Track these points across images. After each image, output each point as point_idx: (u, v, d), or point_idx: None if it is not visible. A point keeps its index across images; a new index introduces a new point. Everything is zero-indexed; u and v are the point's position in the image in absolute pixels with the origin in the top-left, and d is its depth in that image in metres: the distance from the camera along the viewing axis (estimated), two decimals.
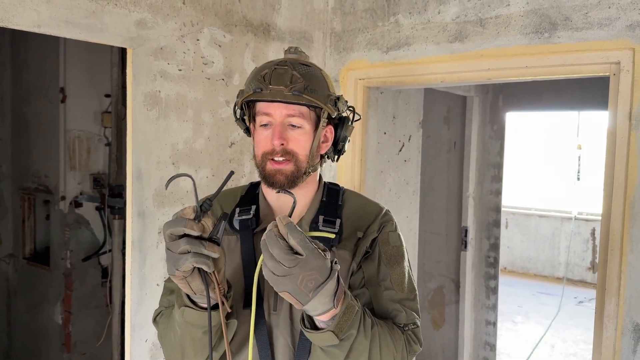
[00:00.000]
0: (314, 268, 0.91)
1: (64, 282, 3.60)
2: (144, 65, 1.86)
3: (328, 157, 1.31)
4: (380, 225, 1.26)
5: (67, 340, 3.61)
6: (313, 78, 1.18)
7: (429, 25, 2.28)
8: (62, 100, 3.50)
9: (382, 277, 1.21)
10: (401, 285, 1.21)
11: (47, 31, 1.61)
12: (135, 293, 1.90)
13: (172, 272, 0.99)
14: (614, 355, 1.88)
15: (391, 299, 1.20)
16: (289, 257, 0.90)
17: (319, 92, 1.17)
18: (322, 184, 1.31)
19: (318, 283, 0.92)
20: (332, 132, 1.27)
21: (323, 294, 0.93)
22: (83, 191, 3.62)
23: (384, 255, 1.23)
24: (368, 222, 1.26)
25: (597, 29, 1.90)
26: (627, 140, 1.84)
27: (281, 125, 1.16)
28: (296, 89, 1.14)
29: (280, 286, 0.92)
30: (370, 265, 1.22)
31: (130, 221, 1.89)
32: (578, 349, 5.59)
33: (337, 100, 1.21)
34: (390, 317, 1.19)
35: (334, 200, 1.28)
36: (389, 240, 1.25)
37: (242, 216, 1.26)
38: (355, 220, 1.26)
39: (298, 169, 1.18)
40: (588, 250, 8.22)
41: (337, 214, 1.24)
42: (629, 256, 1.84)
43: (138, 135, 1.88)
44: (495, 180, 4.38)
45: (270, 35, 2.33)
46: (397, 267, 1.23)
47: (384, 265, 1.23)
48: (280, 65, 1.17)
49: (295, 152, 1.17)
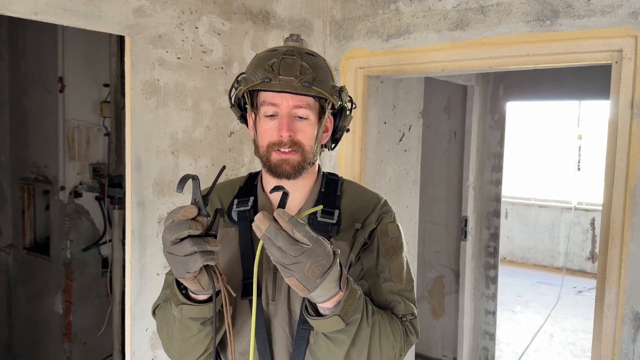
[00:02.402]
0: (320, 255, 0.92)
1: (64, 272, 3.60)
2: (142, 54, 1.85)
3: (326, 146, 1.31)
4: (378, 216, 1.25)
5: (67, 330, 3.62)
6: (319, 69, 1.17)
7: (429, 13, 2.26)
8: (61, 90, 3.48)
9: (381, 269, 1.21)
10: (399, 276, 1.21)
11: (45, 18, 1.59)
12: (136, 283, 1.90)
13: (182, 275, 0.99)
14: (614, 344, 1.89)
15: (390, 290, 1.20)
16: (296, 247, 0.90)
17: (326, 83, 1.17)
18: (320, 174, 1.30)
19: (325, 269, 0.93)
20: (332, 122, 1.27)
21: (329, 279, 0.94)
22: (82, 181, 3.62)
23: (383, 246, 1.23)
24: (366, 213, 1.25)
25: (599, 16, 1.88)
26: (629, 129, 1.83)
27: (288, 117, 1.15)
28: (306, 80, 1.12)
29: (289, 274, 0.92)
30: (368, 257, 1.22)
31: (130, 211, 1.88)
32: (577, 338, 5.61)
33: (340, 91, 1.21)
34: (389, 308, 1.19)
35: (332, 190, 1.27)
36: (388, 232, 1.25)
37: (240, 207, 1.25)
38: (353, 211, 1.25)
39: (304, 159, 1.18)
40: (587, 240, 8.23)
41: (335, 205, 1.24)
42: (630, 245, 1.84)
43: (137, 125, 1.86)
44: (496, 170, 4.37)
45: (270, 23, 2.31)
46: (396, 258, 1.23)
47: (382, 256, 1.22)
48: (288, 55, 1.14)
49: (302, 142, 1.17)
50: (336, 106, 1.22)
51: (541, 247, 8.65)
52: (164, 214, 1.96)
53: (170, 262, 0.99)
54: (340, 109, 1.27)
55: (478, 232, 4.32)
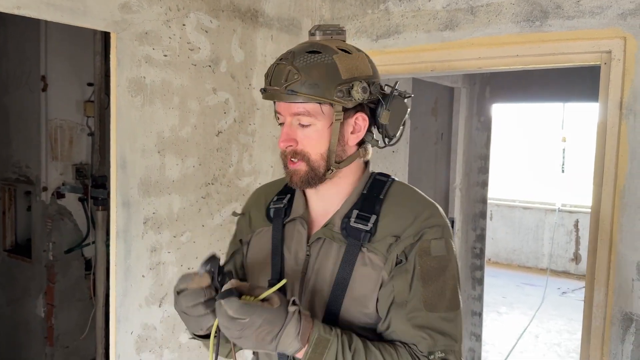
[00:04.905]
0: (262, 324, 0.95)
1: (47, 275, 3.53)
2: (128, 50, 1.81)
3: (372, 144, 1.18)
4: (419, 231, 1.09)
5: (49, 333, 3.55)
6: (315, 70, 1.06)
7: (419, 13, 2.25)
8: (44, 88, 3.41)
9: (412, 295, 1.06)
10: (434, 305, 1.05)
11: (27, 13, 1.54)
12: (121, 284, 1.86)
13: (196, 331, 1.08)
14: (602, 345, 1.89)
15: (416, 324, 1.05)
16: (233, 323, 0.94)
17: (322, 85, 1.05)
18: (366, 175, 1.20)
19: (274, 334, 0.96)
20: (365, 119, 1.14)
21: (284, 341, 0.97)
22: (65, 182, 3.55)
23: (420, 267, 1.06)
24: (405, 225, 1.10)
25: (588, 18, 1.88)
26: (618, 130, 1.83)
27: (289, 126, 1.10)
28: (291, 87, 1.05)
29: (243, 345, 0.99)
30: (401, 278, 1.07)
31: (115, 211, 1.84)
32: (562, 339, 5.65)
33: (351, 87, 1.07)
34: (413, 344, 1.05)
35: (375, 193, 1.15)
36: (430, 250, 1.07)
37: (276, 205, 1.24)
38: (393, 219, 1.11)
39: (312, 169, 1.11)
40: (571, 242, 8.31)
41: (374, 210, 1.12)
42: (619, 246, 1.84)
43: (122, 123, 1.82)
44: (482, 172, 4.39)
45: (258, 22, 2.28)
46: (434, 283, 1.06)
47: (417, 279, 1.06)
48: (281, 60, 1.08)
49: (305, 152, 1.10)
50: (348, 106, 1.09)
51: (526, 248, 8.71)
52: (150, 215, 1.92)
53: (184, 320, 1.08)
54: (377, 102, 1.14)
55: (464, 234, 4.33)
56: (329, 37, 1.14)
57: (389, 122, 1.14)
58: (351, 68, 1.09)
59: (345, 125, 1.11)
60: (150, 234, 1.93)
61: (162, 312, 1.99)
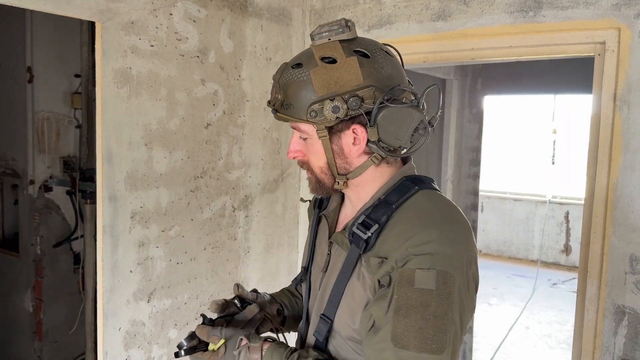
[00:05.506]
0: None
1: (34, 269, 3.48)
2: (114, 40, 1.76)
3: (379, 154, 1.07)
4: (405, 256, 0.96)
5: (38, 328, 3.51)
6: (290, 88, 1.03)
7: (411, 3, 2.22)
8: (30, 80, 3.34)
9: (384, 324, 0.96)
10: (404, 342, 0.92)
11: (9, 2, 1.49)
12: (108, 280, 1.82)
13: None
14: (595, 337, 1.88)
15: (382, 358, 0.95)
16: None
17: (295, 105, 1.02)
18: (393, 179, 1.10)
19: None
20: (363, 130, 1.04)
21: None
22: (53, 175, 3.50)
23: (397, 297, 0.94)
24: (396, 246, 0.98)
25: (582, 8, 1.86)
26: (612, 122, 1.82)
27: (295, 137, 1.12)
28: (276, 105, 1.07)
29: None
30: (379, 305, 0.98)
31: (101, 205, 1.80)
32: (552, 330, 5.68)
33: (322, 107, 1.00)
34: None
35: (393, 200, 1.05)
36: (414, 280, 0.93)
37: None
38: (393, 235, 1.00)
39: (317, 179, 1.12)
40: (562, 233, 8.35)
41: (379, 219, 1.02)
42: (612, 238, 1.83)
43: (108, 115, 1.78)
44: (474, 164, 4.38)
45: (248, 11, 2.24)
46: (409, 317, 0.93)
47: (391, 309, 0.95)
48: (276, 74, 1.10)
49: (308, 162, 1.12)
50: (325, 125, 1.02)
51: (516, 240, 8.74)
52: (137, 209, 1.88)
53: None
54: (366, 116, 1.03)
55: None
56: (326, 39, 1.06)
57: (385, 136, 1.03)
58: (328, 83, 1.01)
59: (342, 137, 1.05)
60: (137, 228, 1.89)
61: (151, 307, 1.96)
